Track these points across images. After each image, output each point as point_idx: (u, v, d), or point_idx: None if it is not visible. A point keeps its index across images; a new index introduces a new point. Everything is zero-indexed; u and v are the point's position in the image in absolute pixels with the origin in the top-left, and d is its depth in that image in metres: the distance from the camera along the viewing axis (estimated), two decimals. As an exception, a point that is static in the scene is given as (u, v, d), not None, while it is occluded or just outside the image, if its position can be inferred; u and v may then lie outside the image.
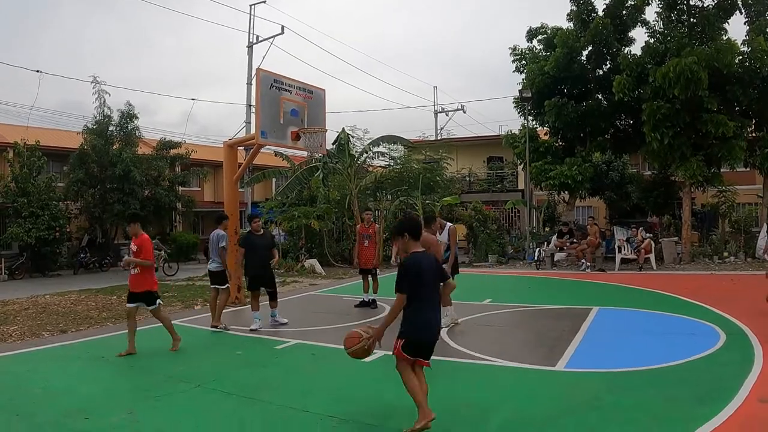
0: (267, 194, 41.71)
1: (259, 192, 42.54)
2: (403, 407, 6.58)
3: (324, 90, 16.10)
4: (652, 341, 9.61)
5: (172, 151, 32.68)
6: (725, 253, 22.70)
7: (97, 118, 29.96)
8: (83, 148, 29.41)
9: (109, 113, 30.16)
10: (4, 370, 8.81)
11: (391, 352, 5.86)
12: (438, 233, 11.40)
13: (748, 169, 26.25)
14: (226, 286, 12.10)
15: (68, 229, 29.86)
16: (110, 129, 30.11)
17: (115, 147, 29.86)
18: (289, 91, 14.81)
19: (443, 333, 10.37)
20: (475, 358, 8.65)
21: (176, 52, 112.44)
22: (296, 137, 14.93)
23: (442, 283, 6.02)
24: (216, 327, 11.67)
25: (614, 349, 9.16)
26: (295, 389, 7.45)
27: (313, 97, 15.58)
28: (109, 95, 30.33)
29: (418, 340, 5.77)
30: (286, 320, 12.04)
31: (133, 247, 9.63)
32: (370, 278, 14.11)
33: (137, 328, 9.83)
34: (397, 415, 6.29)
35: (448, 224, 12.10)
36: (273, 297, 12.04)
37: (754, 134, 23.90)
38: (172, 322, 10.44)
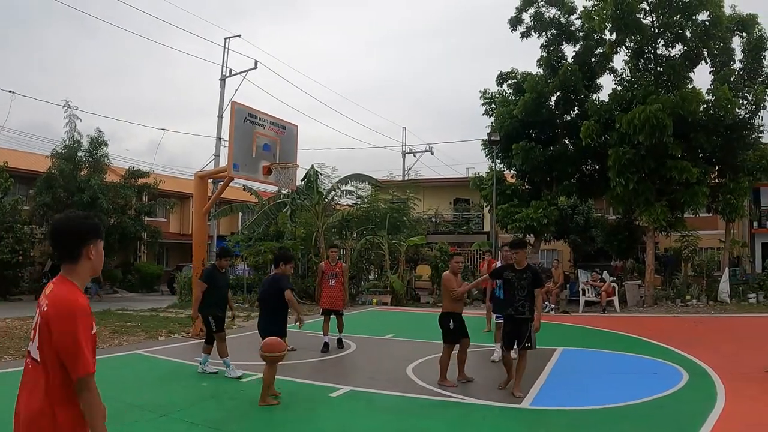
0: (233, 228, 41.51)
1: (224, 226, 42.35)
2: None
3: (297, 126, 16.19)
4: (616, 380, 9.74)
5: (140, 181, 32.51)
6: (688, 297, 23.00)
7: (67, 142, 29.73)
8: (51, 172, 29.12)
9: (78, 138, 29.98)
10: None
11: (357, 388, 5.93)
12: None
13: (710, 214, 26.72)
14: None
15: (32, 254, 29.45)
16: (79, 154, 29.88)
17: (83, 173, 29.62)
18: (262, 125, 14.87)
19: (410, 371, 10.44)
20: (443, 396, 8.67)
21: (149, 80, 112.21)
22: (268, 172, 14.93)
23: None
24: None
25: (578, 388, 9.24)
26: (261, 421, 7.44)
27: (285, 133, 15.64)
28: (80, 120, 30.13)
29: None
30: (240, 373, 10.11)
31: None
32: (332, 318, 13.32)
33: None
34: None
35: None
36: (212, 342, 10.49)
37: (716, 180, 24.40)
38: (137, 352, 10.27)
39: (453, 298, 9.43)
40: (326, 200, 28.25)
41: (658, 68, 23.44)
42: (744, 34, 23.44)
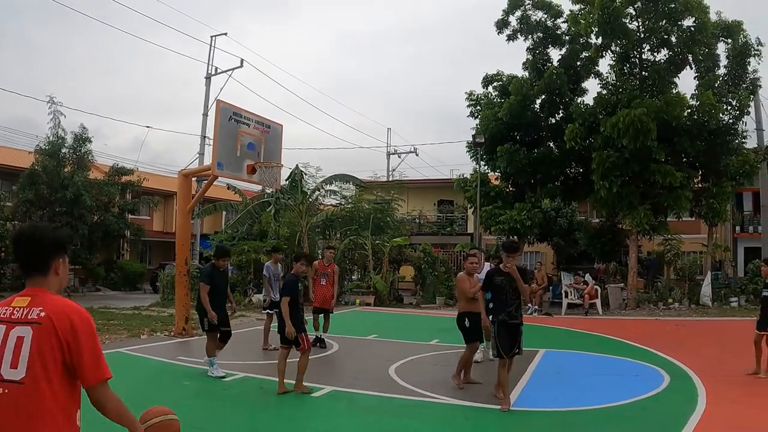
0: (217, 227, 41.30)
1: (208, 224, 42.13)
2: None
3: (281, 125, 16.11)
4: (598, 382, 9.78)
5: (124, 178, 32.30)
6: (670, 300, 23.15)
7: (51, 138, 29.48)
8: (34, 169, 28.83)
9: (62, 135, 29.73)
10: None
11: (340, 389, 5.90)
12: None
13: (693, 218, 26.88)
14: None
15: (14, 251, 29.18)
16: (63, 151, 29.64)
17: (66, 169, 29.35)
18: (247, 124, 14.78)
19: (392, 371, 10.43)
20: (426, 396, 8.67)
21: (135, 77, 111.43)
22: (252, 171, 14.84)
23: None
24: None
25: (561, 389, 9.27)
26: (243, 421, 7.41)
27: (270, 132, 15.54)
28: (65, 116, 29.87)
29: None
30: (223, 372, 10.08)
31: None
32: (321, 317, 13.45)
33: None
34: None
35: None
36: (225, 339, 10.55)
37: (700, 185, 24.53)
38: (119, 350, 10.23)
39: (467, 298, 9.46)
40: (310, 200, 28.15)
41: (644, 73, 23.58)
42: (729, 41, 23.54)
